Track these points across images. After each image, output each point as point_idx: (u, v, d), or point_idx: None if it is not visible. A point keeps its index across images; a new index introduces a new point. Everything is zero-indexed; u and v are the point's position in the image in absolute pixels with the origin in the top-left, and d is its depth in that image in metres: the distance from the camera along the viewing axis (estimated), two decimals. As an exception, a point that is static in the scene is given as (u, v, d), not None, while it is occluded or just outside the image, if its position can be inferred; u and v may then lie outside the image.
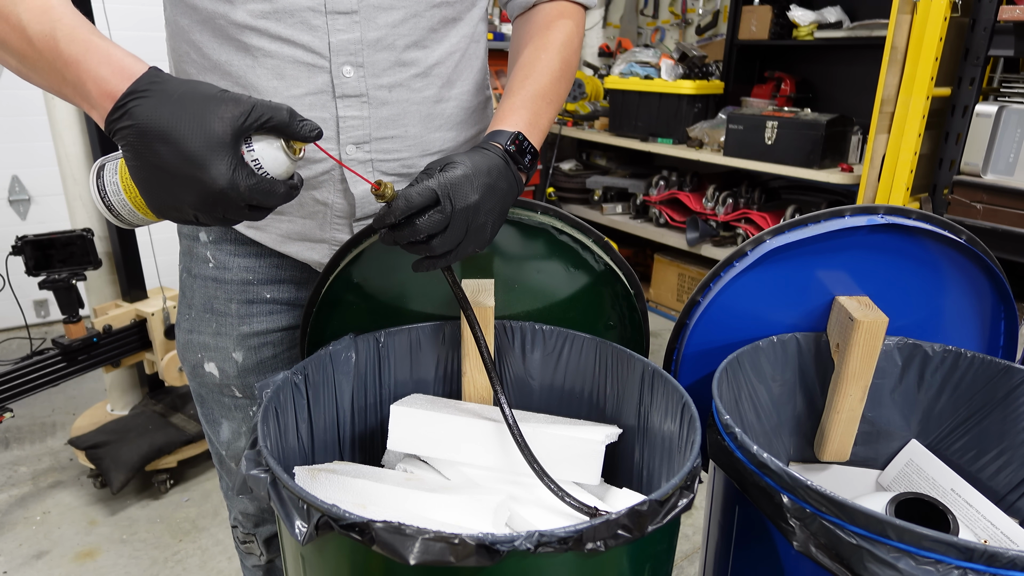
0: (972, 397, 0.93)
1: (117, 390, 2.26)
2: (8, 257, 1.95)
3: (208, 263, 0.94)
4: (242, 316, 0.94)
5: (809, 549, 0.65)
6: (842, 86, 3.15)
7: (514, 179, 0.77)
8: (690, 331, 0.93)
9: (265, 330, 0.95)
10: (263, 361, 0.96)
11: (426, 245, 0.69)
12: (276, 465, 0.64)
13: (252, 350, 0.95)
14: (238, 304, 0.94)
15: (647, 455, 0.87)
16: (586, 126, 3.79)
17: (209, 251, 0.94)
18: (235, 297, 0.94)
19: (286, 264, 0.94)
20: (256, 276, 0.94)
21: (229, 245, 0.93)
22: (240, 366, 0.95)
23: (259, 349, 0.95)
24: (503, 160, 0.76)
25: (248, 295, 0.94)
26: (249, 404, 0.98)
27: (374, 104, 0.82)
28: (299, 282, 0.96)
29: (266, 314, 0.95)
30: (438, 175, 0.69)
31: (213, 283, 0.94)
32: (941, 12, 2.05)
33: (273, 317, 0.95)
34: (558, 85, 0.87)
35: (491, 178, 0.72)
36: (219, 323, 0.95)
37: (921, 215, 0.88)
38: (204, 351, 0.96)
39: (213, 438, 1.02)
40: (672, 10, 3.88)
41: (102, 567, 1.80)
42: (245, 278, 0.93)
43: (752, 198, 3.06)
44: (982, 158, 2.08)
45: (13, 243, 1.89)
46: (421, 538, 0.54)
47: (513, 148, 0.77)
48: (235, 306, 0.94)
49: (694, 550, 1.91)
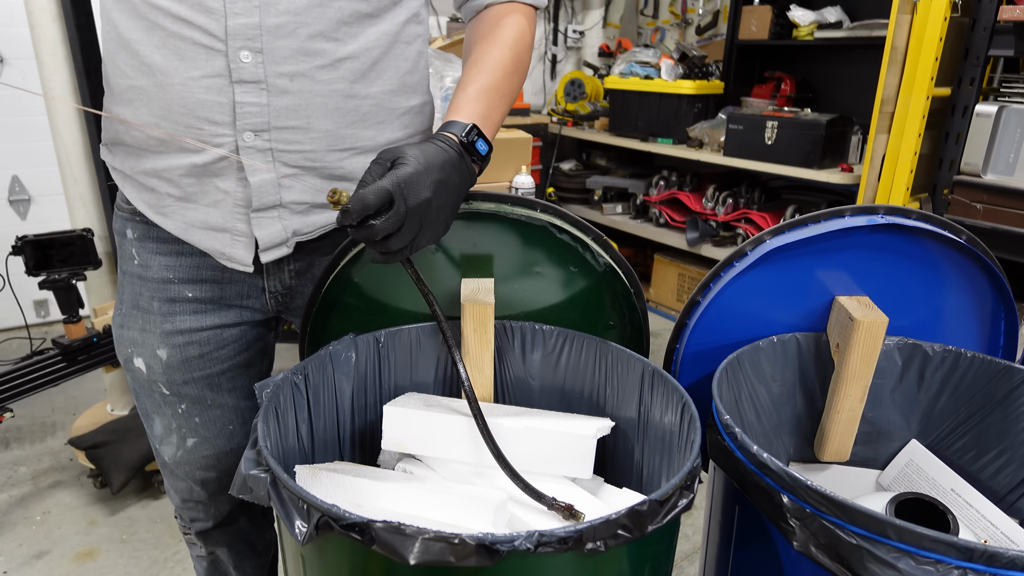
0: (972, 397, 0.93)
1: (117, 390, 2.26)
2: (8, 257, 1.95)
3: (133, 260, 0.95)
4: (164, 314, 0.94)
5: (809, 549, 0.65)
6: (842, 86, 3.15)
7: (467, 171, 0.78)
8: (690, 331, 0.93)
9: (188, 328, 0.94)
10: (189, 360, 0.95)
11: (382, 243, 0.71)
12: (276, 465, 0.64)
13: (176, 348, 0.95)
14: (160, 302, 0.94)
15: (647, 455, 0.87)
16: (586, 126, 3.79)
17: (134, 248, 0.94)
18: (157, 295, 0.94)
19: (207, 264, 0.93)
20: (176, 275, 0.93)
21: (151, 243, 0.93)
22: (164, 363, 0.95)
23: (184, 348, 0.95)
24: (456, 153, 0.76)
25: (169, 293, 0.94)
26: (177, 402, 0.97)
27: (273, 92, 0.81)
28: (220, 281, 0.94)
29: (189, 313, 0.94)
30: (390, 173, 0.70)
31: (138, 280, 0.95)
32: (941, 12, 2.05)
33: (197, 316, 0.94)
34: (510, 80, 0.88)
35: (444, 173, 0.73)
36: (144, 320, 0.95)
37: (921, 215, 0.88)
38: (132, 346, 0.96)
39: (149, 432, 1.03)
40: (672, 10, 3.88)
41: (102, 567, 1.80)
42: (166, 276, 0.93)
43: (752, 198, 3.05)
44: (982, 158, 2.08)
45: (13, 243, 1.89)
46: (421, 538, 0.54)
47: (467, 140, 0.78)
48: (157, 304, 0.94)
49: (694, 550, 1.91)
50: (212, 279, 0.94)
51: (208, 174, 0.84)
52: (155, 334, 0.94)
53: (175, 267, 0.93)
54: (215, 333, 0.96)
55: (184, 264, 0.93)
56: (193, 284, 0.93)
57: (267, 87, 0.80)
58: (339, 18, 0.82)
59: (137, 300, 0.95)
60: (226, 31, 0.77)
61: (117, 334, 0.99)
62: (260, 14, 0.78)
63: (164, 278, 0.93)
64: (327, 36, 0.81)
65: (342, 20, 0.82)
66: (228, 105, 0.80)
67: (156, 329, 0.94)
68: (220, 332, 0.96)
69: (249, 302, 0.96)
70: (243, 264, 0.90)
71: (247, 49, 0.78)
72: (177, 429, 0.99)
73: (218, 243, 0.89)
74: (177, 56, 0.78)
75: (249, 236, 0.88)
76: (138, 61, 0.80)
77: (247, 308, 0.97)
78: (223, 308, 0.95)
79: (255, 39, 0.78)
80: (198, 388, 0.97)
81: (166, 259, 0.93)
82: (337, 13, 0.81)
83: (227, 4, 0.77)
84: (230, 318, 0.96)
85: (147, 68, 0.80)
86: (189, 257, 0.93)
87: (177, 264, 0.93)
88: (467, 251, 0.92)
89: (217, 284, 0.94)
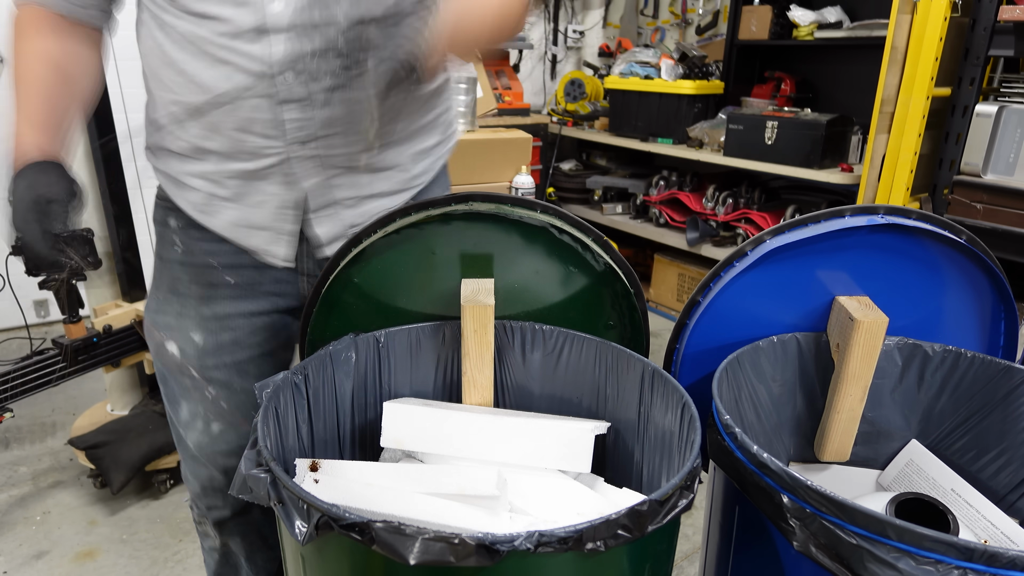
0: (972, 397, 0.93)
1: (117, 390, 2.26)
2: (8, 257, 1.95)
3: (176, 247, 0.99)
4: (203, 298, 0.98)
5: (809, 549, 0.65)
6: (842, 86, 3.15)
7: None
8: (690, 331, 0.93)
9: (226, 314, 0.98)
10: (222, 345, 0.99)
11: None
12: (276, 465, 0.64)
13: (211, 332, 0.98)
14: (199, 286, 0.98)
15: (647, 455, 0.88)
16: (586, 126, 3.79)
17: (177, 236, 0.98)
18: (197, 280, 0.98)
19: None
20: (219, 260, 0.97)
21: (195, 231, 0.97)
22: (199, 347, 0.99)
23: (218, 332, 0.99)
24: None
25: (210, 278, 0.98)
26: (206, 386, 1.00)
27: (316, 106, 0.86)
28: (259, 266, 0.98)
29: (227, 298, 0.98)
30: None
31: (179, 266, 0.99)
32: (941, 12, 2.05)
33: (235, 302, 0.99)
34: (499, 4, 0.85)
35: None
36: (182, 304, 0.99)
37: (921, 215, 0.88)
38: (166, 331, 1.00)
39: (173, 418, 1.06)
40: (672, 10, 3.88)
41: (102, 567, 1.80)
42: (207, 262, 0.97)
43: (752, 198, 3.05)
44: (982, 158, 2.08)
45: (13, 243, 1.89)
46: (421, 538, 0.54)
47: None
48: (196, 288, 0.98)
49: (694, 550, 1.91)
50: (253, 264, 0.98)
51: (255, 178, 0.90)
52: (192, 318, 0.98)
53: (218, 252, 0.97)
54: (248, 320, 1.00)
55: (226, 250, 0.97)
56: (234, 269, 0.98)
57: (311, 103, 0.85)
58: None
59: (175, 285, 0.99)
60: (271, 56, 0.82)
61: (151, 319, 1.02)
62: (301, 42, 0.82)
63: (206, 263, 0.97)
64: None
65: None
66: (274, 122, 0.85)
67: (193, 313, 0.98)
68: (253, 319, 1.00)
69: (285, 287, 1.01)
70: (284, 260, 0.96)
71: (291, 71, 0.83)
72: (203, 414, 1.02)
73: (260, 240, 0.95)
74: (225, 79, 0.83)
75: (293, 234, 0.94)
76: (185, 79, 0.85)
77: (282, 295, 1.01)
78: (260, 295, 1.00)
79: (298, 61, 0.83)
80: (227, 373, 1.00)
81: (209, 245, 0.97)
82: None
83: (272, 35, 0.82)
84: (265, 305, 1.00)
85: (195, 87, 0.85)
86: (232, 243, 0.97)
87: (220, 250, 0.97)
88: (467, 251, 0.92)
89: (257, 270, 0.99)
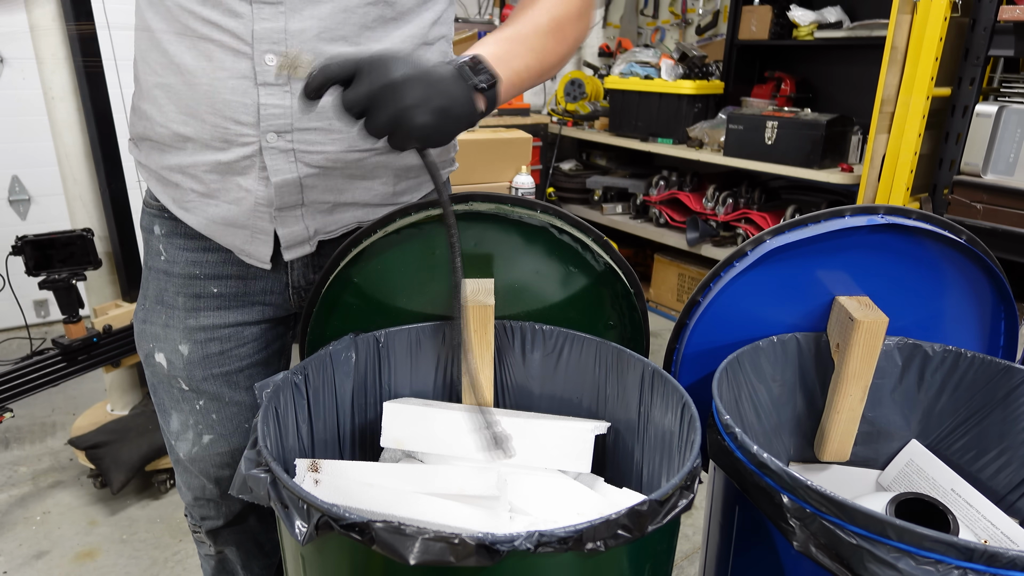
0: (972, 397, 0.93)
1: (117, 390, 2.26)
2: (8, 257, 1.95)
3: (160, 256, 0.96)
4: (188, 309, 0.95)
5: (809, 549, 0.65)
6: (842, 86, 3.15)
7: (464, 86, 0.73)
8: (690, 331, 0.93)
9: (212, 325, 0.96)
10: (209, 356, 0.96)
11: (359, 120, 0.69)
12: (276, 465, 0.64)
13: (198, 344, 0.96)
14: (185, 297, 0.95)
15: (647, 455, 0.87)
16: (586, 126, 3.78)
17: (161, 244, 0.96)
18: (182, 290, 0.95)
19: (232, 259, 0.94)
20: (203, 271, 0.95)
21: (178, 239, 0.94)
22: (186, 359, 0.96)
23: (205, 344, 0.96)
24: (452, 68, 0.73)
25: (195, 289, 0.95)
26: (195, 398, 0.99)
27: (297, 95, 0.82)
28: (245, 277, 0.96)
29: (213, 308, 0.96)
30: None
31: (164, 276, 0.96)
32: (941, 12, 2.05)
33: (220, 313, 0.96)
34: (543, 38, 0.83)
35: (421, 71, 0.70)
36: (168, 315, 0.96)
37: (921, 215, 0.88)
38: (154, 341, 0.98)
39: (164, 427, 1.04)
40: (672, 10, 3.88)
41: (102, 567, 1.80)
42: (192, 272, 0.95)
43: (752, 198, 3.05)
44: (982, 158, 2.07)
45: (13, 243, 1.89)
46: (421, 538, 0.54)
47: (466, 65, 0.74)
48: (182, 299, 0.95)
49: (694, 550, 1.91)
50: (237, 275, 0.95)
51: (232, 172, 0.86)
52: (178, 329, 0.96)
53: (201, 263, 0.94)
54: (236, 330, 0.97)
55: (211, 260, 0.94)
56: (219, 280, 0.95)
57: (291, 90, 0.82)
58: (363, 23, 0.82)
59: (162, 295, 0.97)
60: (252, 35, 0.79)
61: (139, 329, 1.00)
62: (285, 19, 0.79)
63: (190, 274, 0.95)
64: (349, 40, 0.82)
65: (365, 25, 0.83)
66: (253, 106, 0.82)
67: (179, 324, 0.96)
68: (241, 329, 0.97)
69: (272, 298, 0.98)
70: (261, 261, 0.92)
71: (272, 52, 0.80)
72: (194, 425, 1.00)
73: (238, 239, 0.91)
74: (205, 57, 0.81)
75: (269, 233, 0.89)
76: (168, 60, 0.82)
77: (269, 305, 0.98)
78: (246, 305, 0.97)
79: (279, 43, 0.80)
80: (217, 385, 0.98)
81: (193, 255, 0.94)
82: (362, 19, 0.82)
83: (254, 9, 0.78)
84: (252, 316, 0.97)
85: (176, 67, 0.82)
86: (216, 253, 0.94)
87: (204, 260, 0.94)
88: (467, 251, 0.92)
89: (242, 280, 0.96)
